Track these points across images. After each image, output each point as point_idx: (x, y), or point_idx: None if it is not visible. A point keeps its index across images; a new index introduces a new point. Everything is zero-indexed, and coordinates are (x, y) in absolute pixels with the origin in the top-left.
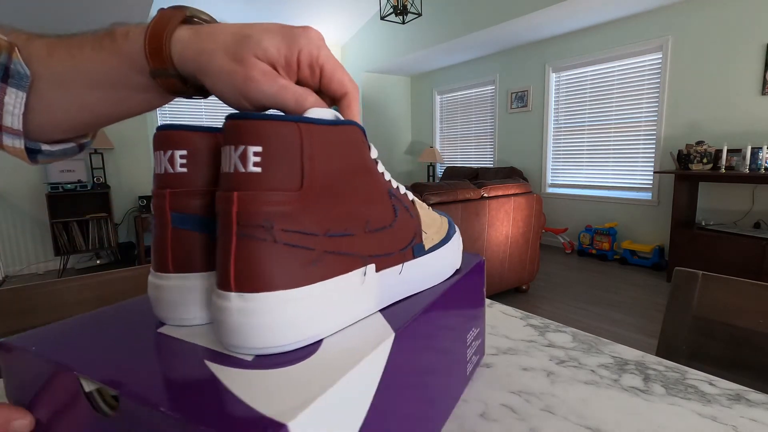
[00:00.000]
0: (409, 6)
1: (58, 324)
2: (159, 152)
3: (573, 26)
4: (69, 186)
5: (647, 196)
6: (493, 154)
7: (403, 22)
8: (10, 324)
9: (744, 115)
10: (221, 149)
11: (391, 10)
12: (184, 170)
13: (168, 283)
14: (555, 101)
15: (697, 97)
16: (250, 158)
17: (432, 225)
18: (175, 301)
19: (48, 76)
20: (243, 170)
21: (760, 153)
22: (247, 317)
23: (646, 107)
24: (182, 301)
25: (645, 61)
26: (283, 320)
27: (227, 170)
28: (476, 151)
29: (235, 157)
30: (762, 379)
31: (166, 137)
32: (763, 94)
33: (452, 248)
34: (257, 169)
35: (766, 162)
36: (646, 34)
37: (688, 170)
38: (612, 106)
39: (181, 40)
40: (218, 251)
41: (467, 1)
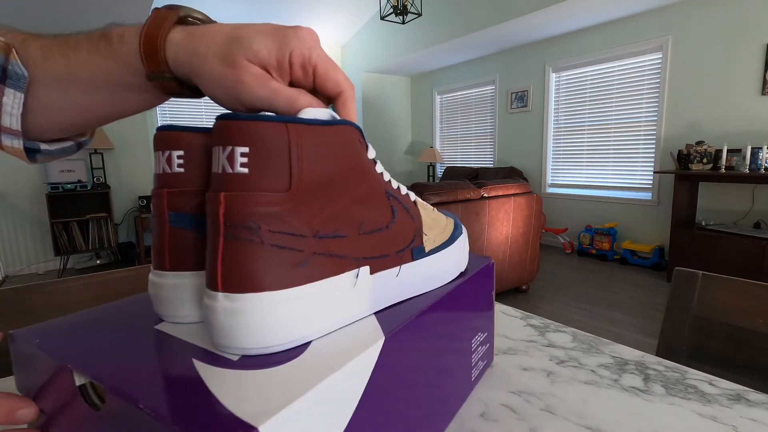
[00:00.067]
0: (409, 6)
1: (66, 318)
2: (158, 152)
3: (573, 26)
4: (69, 186)
5: (647, 196)
6: (493, 154)
7: (403, 22)
8: (10, 324)
9: (744, 115)
10: (212, 150)
11: (391, 10)
12: (181, 170)
13: (165, 281)
14: (555, 101)
15: (697, 97)
16: (237, 159)
17: (435, 227)
18: (172, 298)
19: (45, 77)
20: (230, 171)
21: (760, 153)
22: (233, 317)
23: (646, 107)
24: (178, 299)
25: (645, 61)
26: (269, 321)
27: (216, 171)
28: (476, 151)
29: (223, 157)
30: (762, 379)
31: (164, 138)
32: (763, 94)
33: (456, 250)
34: (244, 170)
35: (766, 162)
36: (646, 34)
37: (688, 170)
38: (612, 106)
39: (175, 42)
40: (207, 251)
41: (467, 1)
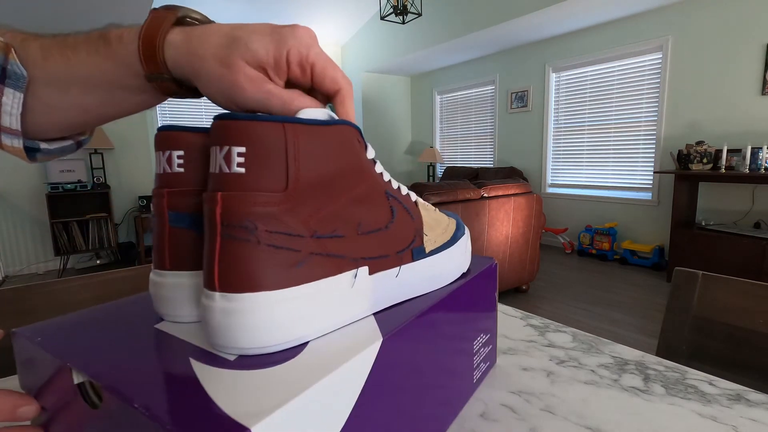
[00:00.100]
0: (409, 6)
1: (68, 316)
2: (159, 152)
3: (573, 26)
4: (69, 186)
5: (647, 196)
6: (493, 154)
7: (403, 22)
8: (10, 324)
9: (744, 115)
10: (210, 149)
11: (391, 10)
12: (181, 170)
13: (165, 280)
14: (555, 101)
15: (697, 97)
16: (234, 159)
17: (436, 227)
18: (172, 297)
19: (44, 77)
20: (227, 171)
21: (760, 153)
22: (230, 317)
23: (646, 107)
24: (178, 298)
25: (645, 61)
26: (266, 321)
27: (213, 170)
28: (476, 151)
29: (220, 157)
30: (762, 379)
31: (165, 138)
32: (763, 94)
33: (458, 251)
34: (241, 170)
35: (766, 162)
36: (646, 34)
37: (688, 170)
38: (612, 106)
39: (174, 44)
40: (204, 251)
41: (467, 1)
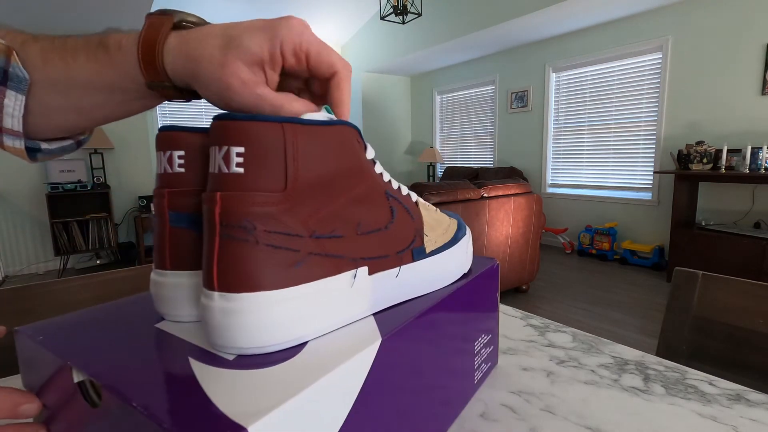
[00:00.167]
0: (409, 6)
1: (69, 315)
2: (160, 153)
3: (573, 26)
4: (69, 186)
5: (647, 196)
6: (493, 154)
7: (403, 22)
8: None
9: (744, 115)
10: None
11: (391, 10)
12: (182, 170)
13: (166, 279)
14: (555, 101)
15: (697, 97)
16: (233, 159)
17: (437, 227)
18: (172, 297)
19: (44, 81)
20: (226, 171)
21: (760, 153)
22: (229, 317)
23: (646, 107)
24: (178, 298)
25: (645, 61)
26: (265, 321)
27: (212, 170)
28: (476, 151)
29: (219, 157)
30: (762, 379)
31: (166, 138)
32: (763, 94)
33: (459, 251)
34: (240, 170)
35: (766, 162)
36: (646, 34)
37: (688, 170)
38: (612, 106)
39: (171, 50)
40: (203, 251)
41: (467, 1)
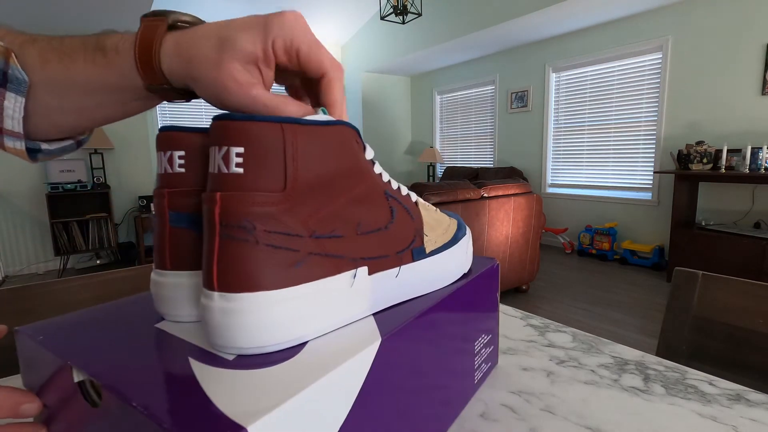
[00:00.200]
0: (409, 6)
1: (70, 315)
2: (160, 153)
3: (573, 26)
4: (69, 186)
5: (647, 196)
6: (493, 154)
7: (403, 22)
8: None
9: (744, 115)
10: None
11: (391, 10)
12: (182, 170)
13: (166, 279)
14: (555, 101)
15: (697, 97)
16: (233, 159)
17: (437, 227)
18: (172, 297)
19: (43, 83)
20: (226, 171)
21: (760, 153)
22: (228, 317)
23: (646, 107)
24: (178, 298)
25: (645, 61)
26: (265, 321)
27: (212, 170)
28: (476, 151)
29: (219, 157)
30: (762, 379)
31: (166, 138)
32: (763, 94)
33: (459, 251)
34: (239, 170)
35: (766, 162)
36: (646, 34)
37: (688, 170)
38: (612, 106)
39: (168, 53)
40: (203, 251)
41: (467, 1)
